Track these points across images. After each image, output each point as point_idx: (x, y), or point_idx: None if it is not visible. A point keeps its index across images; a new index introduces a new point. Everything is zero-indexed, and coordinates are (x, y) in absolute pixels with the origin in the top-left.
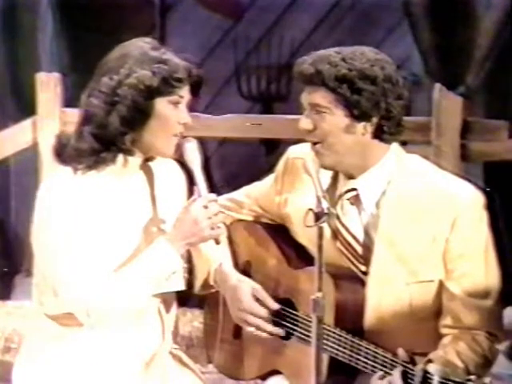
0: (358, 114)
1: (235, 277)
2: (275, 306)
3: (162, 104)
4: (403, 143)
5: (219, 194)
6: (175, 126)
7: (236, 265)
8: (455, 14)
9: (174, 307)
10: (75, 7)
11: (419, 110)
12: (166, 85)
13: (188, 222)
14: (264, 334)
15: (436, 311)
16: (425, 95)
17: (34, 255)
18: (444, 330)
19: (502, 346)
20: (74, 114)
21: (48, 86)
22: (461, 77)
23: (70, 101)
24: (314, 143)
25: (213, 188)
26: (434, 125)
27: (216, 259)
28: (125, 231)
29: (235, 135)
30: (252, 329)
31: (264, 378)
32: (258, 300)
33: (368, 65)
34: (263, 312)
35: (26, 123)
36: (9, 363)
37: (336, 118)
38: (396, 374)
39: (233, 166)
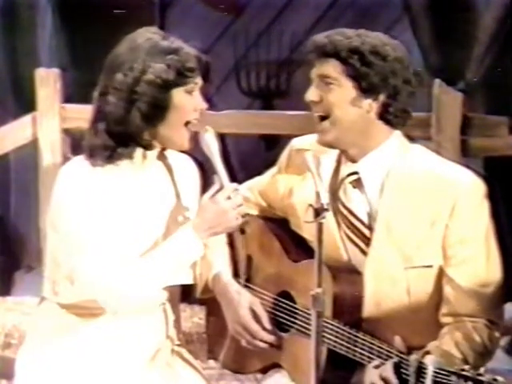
0: (365, 87)
1: (234, 288)
2: (268, 325)
3: (179, 94)
4: None
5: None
6: (191, 114)
7: (238, 259)
8: (455, 9)
9: (178, 305)
10: (74, 3)
11: (419, 106)
12: (181, 76)
13: (215, 212)
14: (257, 345)
15: (435, 301)
16: (425, 91)
17: (35, 250)
18: (444, 319)
19: (502, 342)
20: (73, 110)
21: (48, 82)
22: (461, 72)
23: (69, 96)
24: (321, 119)
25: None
26: (434, 120)
27: (216, 265)
28: (144, 220)
29: (235, 131)
30: (244, 342)
31: (265, 371)
32: (254, 314)
33: (381, 43)
34: (258, 329)
35: (26, 119)
36: (9, 359)
37: (343, 90)
38: (388, 365)
39: (232, 161)
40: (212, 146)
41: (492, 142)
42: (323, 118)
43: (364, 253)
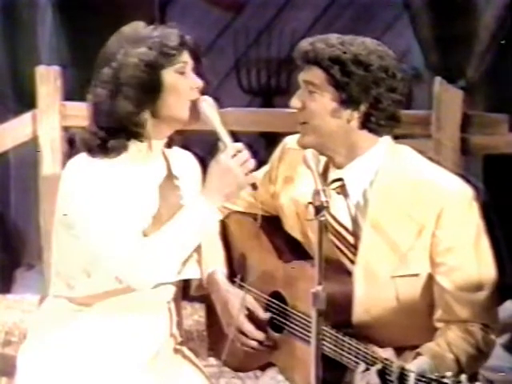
0: (345, 99)
1: (227, 288)
2: (265, 315)
3: (169, 75)
4: (403, 137)
5: None
6: (188, 93)
7: (232, 258)
8: (455, 7)
9: (180, 302)
10: (74, 1)
11: (419, 104)
12: (165, 55)
13: (221, 172)
14: (250, 345)
15: (427, 305)
16: (425, 88)
17: (35, 248)
18: (438, 324)
19: (501, 339)
20: (73, 108)
21: (48, 80)
22: (461, 70)
23: (69, 94)
24: (302, 123)
25: None
26: (434, 118)
27: (210, 264)
28: (147, 214)
29: (235, 129)
30: (238, 343)
31: (263, 368)
32: (248, 310)
33: (365, 52)
34: (251, 330)
35: (26, 116)
36: (10, 356)
37: (324, 100)
38: (372, 372)
39: None
40: (211, 113)
41: (492, 140)
42: (305, 122)
43: (349, 259)
